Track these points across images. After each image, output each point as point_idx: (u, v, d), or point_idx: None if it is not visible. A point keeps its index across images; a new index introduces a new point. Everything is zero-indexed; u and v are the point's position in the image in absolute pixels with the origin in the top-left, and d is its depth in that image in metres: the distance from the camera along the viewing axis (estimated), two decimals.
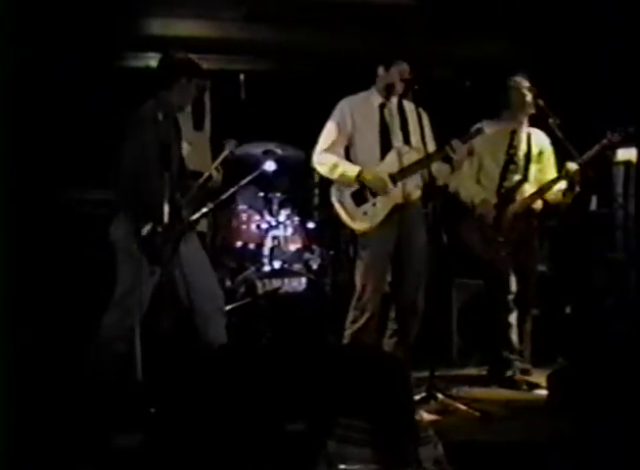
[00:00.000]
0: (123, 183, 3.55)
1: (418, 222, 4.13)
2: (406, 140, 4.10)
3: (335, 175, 4.07)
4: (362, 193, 4.04)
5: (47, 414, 3.29)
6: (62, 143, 5.24)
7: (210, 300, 3.73)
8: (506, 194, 4.43)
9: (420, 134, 3.89)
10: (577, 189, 4.27)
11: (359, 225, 4.07)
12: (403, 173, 4.02)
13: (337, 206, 4.12)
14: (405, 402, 2.35)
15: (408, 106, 4.13)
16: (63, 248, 4.83)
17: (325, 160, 4.10)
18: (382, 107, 4.13)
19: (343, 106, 4.16)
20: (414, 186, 4.08)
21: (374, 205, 4.02)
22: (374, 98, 4.16)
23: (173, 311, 3.76)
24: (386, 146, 4.08)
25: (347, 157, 4.13)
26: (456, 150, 3.94)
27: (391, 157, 4.06)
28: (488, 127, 4.06)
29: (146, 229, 3.46)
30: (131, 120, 3.63)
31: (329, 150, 4.10)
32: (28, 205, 4.57)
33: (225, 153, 3.89)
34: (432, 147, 4.02)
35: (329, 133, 4.13)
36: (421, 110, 3.99)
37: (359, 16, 5.55)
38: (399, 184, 4.03)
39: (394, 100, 4.13)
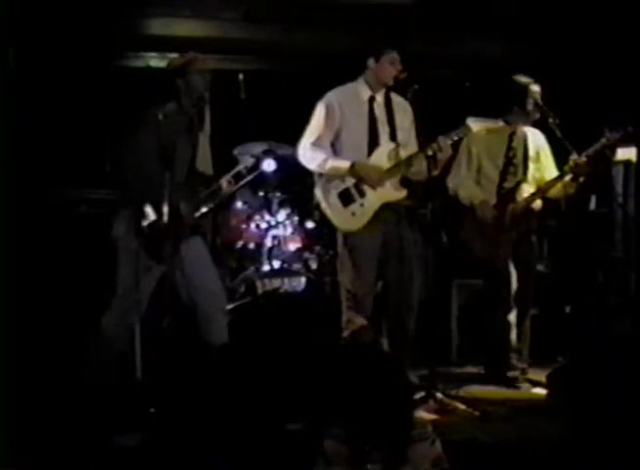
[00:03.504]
0: (128, 181, 3.56)
1: (403, 220, 4.03)
2: (392, 136, 4.01)
3: (325, 169, 3.96)
4: (349, 193, 3.96)
5: (47, 414, 3.30)
6: (62, 143, 5.25)
7: (213, 299, 3.73)
8: (506, 194, 4.43)
9: (403, 129, 3.85)
10: (581, 180, 4.24)
11: (347, 226, 3.98)
12: (391, 172, 3.95)
13: (324, 207, 4.02)
14: (403, 402, 2.35)
15: (395, 99, 4.06)
16: (62, 247, 4.84)
17: (313, 154, 3.99)
18: (371, 100, 4.03)
19: (331, 98, 4.05)
20: (398, 184, 4.02)
21: (362, 205, 3.95)
22: (363, 90, 4.05)
23: (174, 311, 3.77)
24: (373, 142, 3.99)
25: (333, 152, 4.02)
26: (442, 148, 3.84)
27: (379, 154, 3.98)
28: (474, 125, 3.91)
29: (147, 222, 3.47)
30: (146, 118, 3.63)
31: (316, 144, 3.99)
32: (28, 204, 4.59)
33: (240, 167, 3.92)
34: (412, 142, 3.97)
35: (316, 127, 4.02)
36: (407, 103, 3.94)
37: (359, 16, 5.55)
38: (386, 183, 3.96)
39: (382, 92, 4.03)
